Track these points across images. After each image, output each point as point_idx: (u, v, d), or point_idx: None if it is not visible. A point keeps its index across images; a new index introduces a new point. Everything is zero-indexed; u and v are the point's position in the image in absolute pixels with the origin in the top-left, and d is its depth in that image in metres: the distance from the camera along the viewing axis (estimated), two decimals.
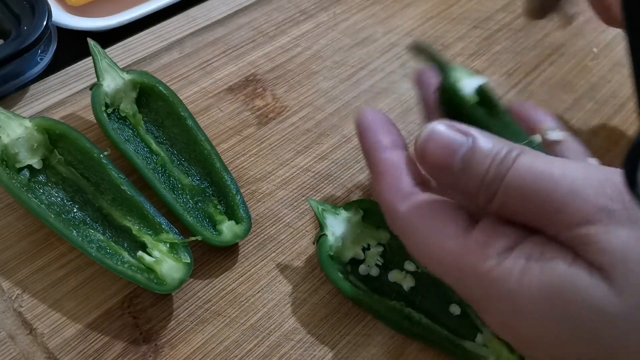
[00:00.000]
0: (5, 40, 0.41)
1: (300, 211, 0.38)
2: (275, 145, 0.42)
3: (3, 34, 0.42)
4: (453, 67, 0.34)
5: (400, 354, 0.33)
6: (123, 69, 0.39)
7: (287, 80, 0.45)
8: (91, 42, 0.39)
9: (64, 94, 0.43)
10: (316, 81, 0.46)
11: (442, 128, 0.27)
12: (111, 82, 0.38)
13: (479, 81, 0.34)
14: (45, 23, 0.40)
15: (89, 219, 0.35)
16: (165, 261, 0.33)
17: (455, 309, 0.33)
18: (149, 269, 0.33)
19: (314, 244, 0.35)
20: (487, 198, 0.26)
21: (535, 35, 0.50)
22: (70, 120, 0.41)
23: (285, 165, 0.41)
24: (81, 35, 0.42)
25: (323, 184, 0.40)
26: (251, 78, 0.45)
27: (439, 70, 0.35)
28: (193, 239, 0.34)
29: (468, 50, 0.49)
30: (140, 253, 0.33)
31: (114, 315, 0.33)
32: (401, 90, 0.46)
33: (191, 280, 0.35)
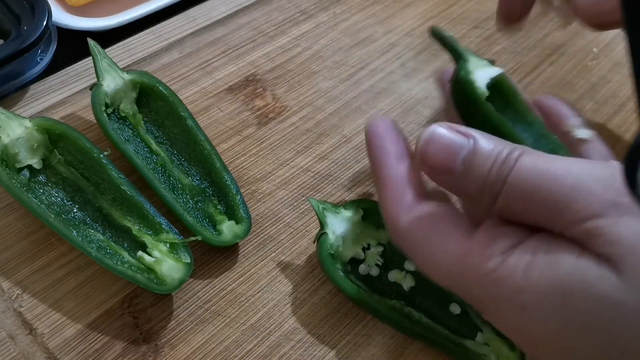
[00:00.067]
0: (5, 40, 0.41)
1: (300, 211, 0.38)
2: (275, 145, 0.42)
3: (3, 34, 0.42)
4: (468, 58, 0.34)
5: (400, 354, 0.33)
6: (123, 69, 0.39)
7: (287, 80, 0.45)
8: (91, 42, 0.39)
9: (64, 94, 0.43)
10: (316, 81, 0.46)
11: (443, 130, 0.27)
12: (111, 82, 0.38)
13: (494, 72, 0.34)
14: (45, 23, 0.40)
15: (89, 219, 0.35)
16: (165, 261, 0.33)
17: (455, 308, 0.33)
18: (149, 269, 0.33)
19: (314, 243, 0.35)
20: (490, 199, 0.26)
21: (535, 35, 0.50)
22: (70, 120, 0.41)
23: (285, 165, 0.41)
24: (81, 35, 0.42)
25: (323, 184, 0.40)
26: (251, 78, 0.45)
27: (453, 59, 0.34)
28: (193, 239, 0.34)
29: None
30: (140, 253, 0.33)
31: (114, 315, 0.33)
32: (401, 90, 0.46)
33: (191, 280, 0.35)
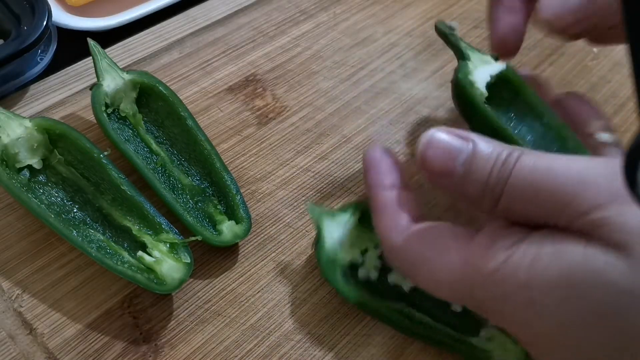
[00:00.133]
0: (5, 40, 0.41)
1: (300, 211, 0.38)
2: (275, 145, 0.42)
3: (3, 34, 0.42)
4: (469, 58, 0.33)
5: (400, 354, 0.33)
6: (123, 69, 0.39)
7: (287, 80, 0.45)
8: (91, 42, 0.39)
9: (64, 94, 0.43)
10: (316, 81, 0.46)
11: (441, 134, 0.28)
12: (111, 82, 0.38)
13: (497, 68, 0.34)
14: (45, 23, 0.40)
15: (89, 219, 0.35)
16: (165, 261, 0.33)
17: (456, 307, 0.33)
18: (149, 269, 0.33)
19: (312, 250, 0.34)
20: (492, 201, 0.26)
21: (535, 35, 0.50)
22: (70, 120, 0.41)
23: (285, 165, 0.41)
24: (81, 35, 0.42)
25: (323, 184, 0.40)
26: (251, 78, 0.45)
27: (456, 56, 0.34)
28: (193, 239, 0.34)
29: None
30: (140, 253, 0.33)
31: (114, 315, 0.33)
32: (401, 90, 0.46)
33: (191, 280, 0.35)
